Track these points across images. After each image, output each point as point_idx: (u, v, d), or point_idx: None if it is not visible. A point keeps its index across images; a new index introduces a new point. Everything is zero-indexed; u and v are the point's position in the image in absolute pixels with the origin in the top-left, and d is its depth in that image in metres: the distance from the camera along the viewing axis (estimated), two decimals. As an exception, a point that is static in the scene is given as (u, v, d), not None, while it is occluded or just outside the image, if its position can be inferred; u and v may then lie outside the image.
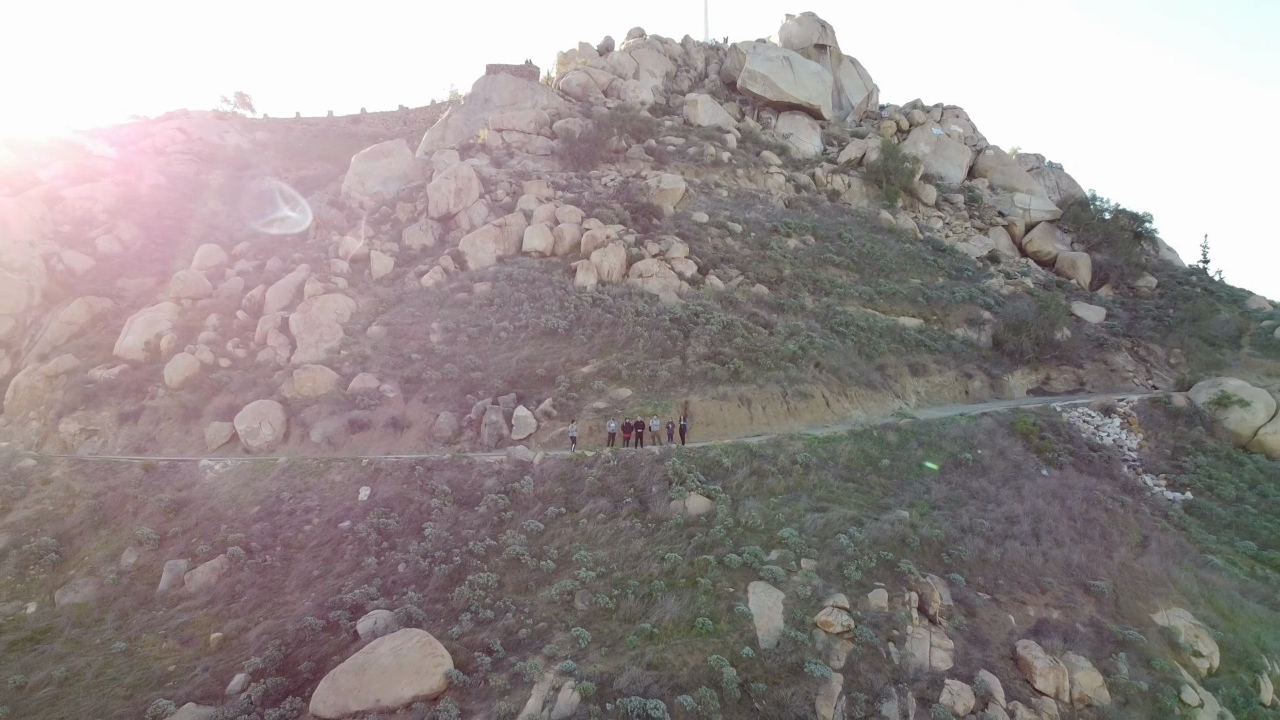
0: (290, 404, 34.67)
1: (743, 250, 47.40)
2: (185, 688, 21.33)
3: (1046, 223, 62.85)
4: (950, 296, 48.73)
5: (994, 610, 23.72)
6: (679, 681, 19.67)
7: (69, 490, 30.97)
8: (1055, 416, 38.94)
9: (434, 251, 45.86)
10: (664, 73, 75.74)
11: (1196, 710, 22.79)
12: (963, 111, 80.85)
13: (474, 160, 53.77)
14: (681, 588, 22.69)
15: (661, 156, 57.81)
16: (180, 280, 44.21)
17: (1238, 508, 35.05)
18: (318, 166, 70.13)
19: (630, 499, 26.82)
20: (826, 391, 35.71)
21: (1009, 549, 25.81)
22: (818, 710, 19.56)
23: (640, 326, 37.59)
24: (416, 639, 20.27)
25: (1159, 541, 30.02)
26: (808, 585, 22.63)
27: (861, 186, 63.31)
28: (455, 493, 27.57)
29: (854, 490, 27.60)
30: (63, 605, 25.68)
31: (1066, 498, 30.38)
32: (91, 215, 57.57)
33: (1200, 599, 27.34)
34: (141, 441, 35.64)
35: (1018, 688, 21.64)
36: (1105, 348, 47.49)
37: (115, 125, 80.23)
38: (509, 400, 33.32)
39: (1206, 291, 59.71)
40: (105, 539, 28.22)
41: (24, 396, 40.63)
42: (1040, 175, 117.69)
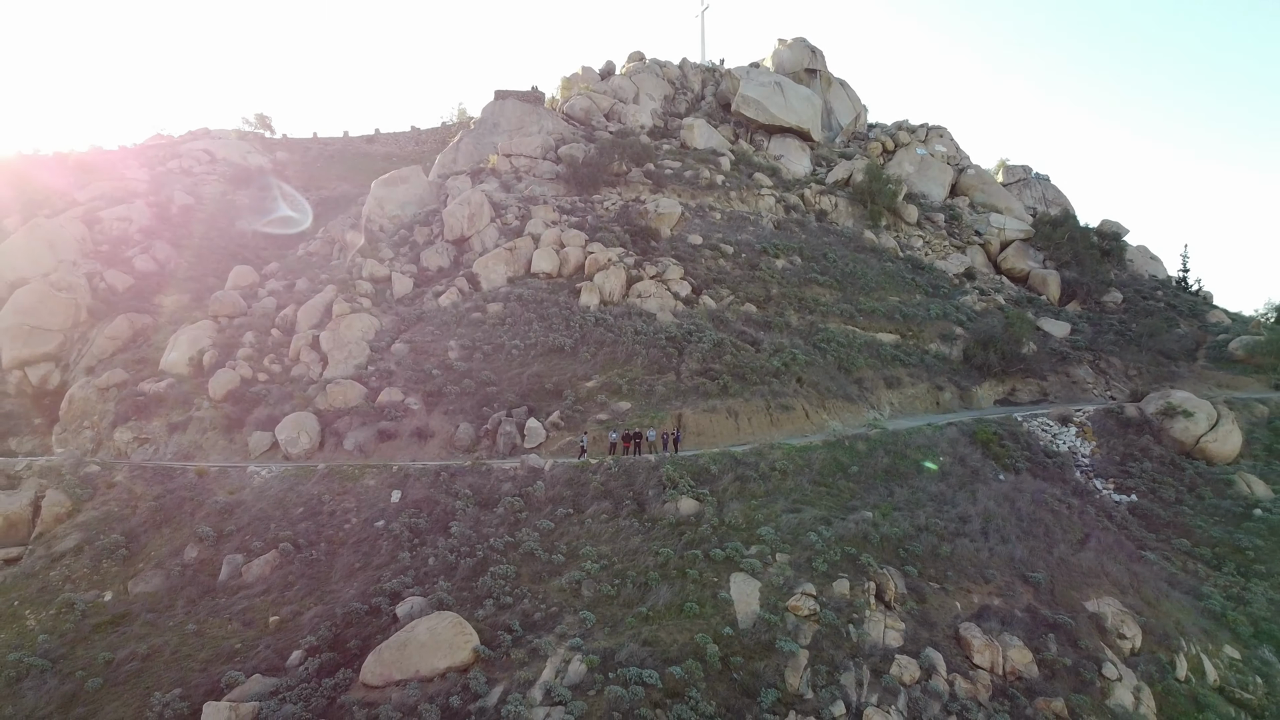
0: (324, 415, 38.27)
1: (734, 271, 50.99)
2: (251, 662, 24.92)
3: (1020, 241, 66.44)
4: (925, 313, 52.31)
5: (942, 598, 27.31)
6: (670, 656, 23.24)
7: (131, 493, 34.58)
8: (1016, 426, 42.53)
9: (449, 272, 49.44)
10: (662, 96, 79.26)
11: (1115, 684, 26.35)
12: (946, 131, 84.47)
13: (484, 185, 57.37)
14: (673, 578, 26.27)
15: (659, 180, 61.41)
16: (218, 300, 47.81)
17: (1176, 509, 38.66)
18: (336, 186, 73.83)
19: (629, 501, 30.41)
20: (806, 404, 39.32)
21: (959, 545, 29.40)
22: (786, 679, 23.13)
23: (639, 344, 41.19)
24: (449, 620, 23.85)
25: (1098, 539, 33.56)
26: (781, 576, 26.21)
27: (848, 206, 66.90)
28: (476, 496, 31.17)
29: (825, 494, 31.19)
30: (135, 594, 29.27)
31: (1016, 500, 33.96)
32: (127, 235, 61.24)
33: (1129, 589, 30.89)
34: (189, 449, 39.27)
35: (958, 663, 25.23)
36: (1068, 361, 51.08)
37: (142, 145, 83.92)
38: (521, 413, 36.92)
39: (1170, 306, 63.36)
40: (168, 536, 31.83)
41: (78, 407, 44.26)
42: (1027, 186, 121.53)
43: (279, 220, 75.49)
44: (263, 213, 72.35)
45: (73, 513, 34.02)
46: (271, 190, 78.11)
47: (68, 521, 33.63)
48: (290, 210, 78.81)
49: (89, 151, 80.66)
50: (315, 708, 22.42)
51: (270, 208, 72.35)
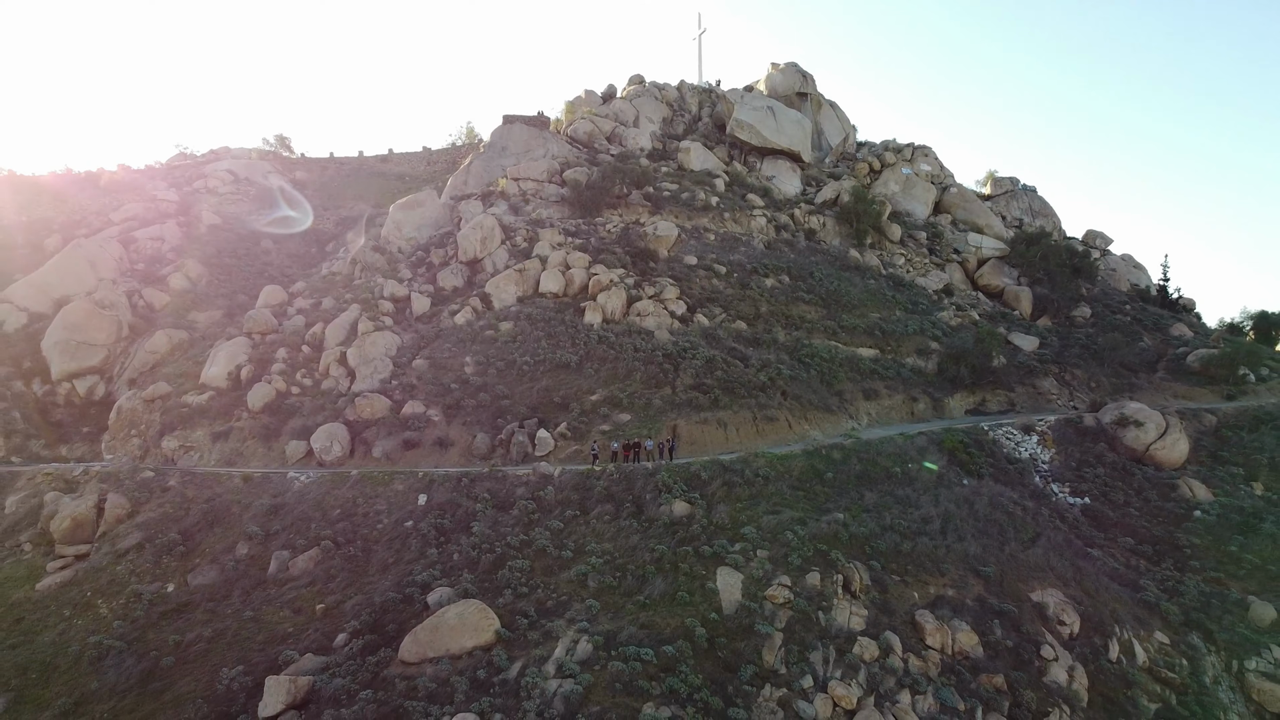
0: (353, 425, 42.00)
1: (726, 290, 54.68)
2: (303, 643, 28.64)
3: (996, 259, 70.11)
4: (904, 329, 56.00)
5: (902, 588, 31.01)
6: (663, 637, 26.92)
7: (184, 496, 38.35)
8: (982, 434, 46.20)
9: (464, 292, 53.13)
10: (661, 118, 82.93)
11: (1051, 663, 30.06)
12: (931, 151, 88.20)
13: (494, 209, 61.13)
14: (667, 571, 29.96)
15: (658, 202, 65.08)
16: (251, 319, 51.54)
17: (1124, 510, 42.35)
18: (353, 206, 77.61)
19: (629, 504, 34.11)
20: (789, 415, 43.02)
21: (919, 543, 33.08)
22: (763, 657, 26.82)
23: (638, 361, 44.90)
24: (474, 606, 27.55)
25: (1048, 537, 37.23)
26: (761, 569, 29.90)
27: (835, 225, 70.61)
28: (493, 499, 34.88)
29: (802, 497, 34.88)
30: (195, 585, 33.00)
31: (975, 502, 37.63)
32: (161, 254, 65.05)
33: (1072, 581, 34.55)
34: (231, 456, 43.00)
35: (913, 644, 28.91)
36: (1034, 373, 54.74)
37: (168, 164, 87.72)
38: (532, 424, 40.64)
39: (1136, 320, 67.01)
40: (220, 535, 35.56)
41: (126, 417, 48.01)
42: (1014, 198, 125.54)
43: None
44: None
45: (132, 514, 37.83)
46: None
47: (128, 521, 37.44)
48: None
49: (118, 170, 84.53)
50: (361, 680, 26.11)
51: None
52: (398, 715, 23.83)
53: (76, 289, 58.91)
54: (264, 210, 74.78)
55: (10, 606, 33.36)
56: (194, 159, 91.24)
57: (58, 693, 28.66)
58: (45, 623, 32.16)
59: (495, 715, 23.58)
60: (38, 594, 33.85)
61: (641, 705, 24.24)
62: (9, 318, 57.33)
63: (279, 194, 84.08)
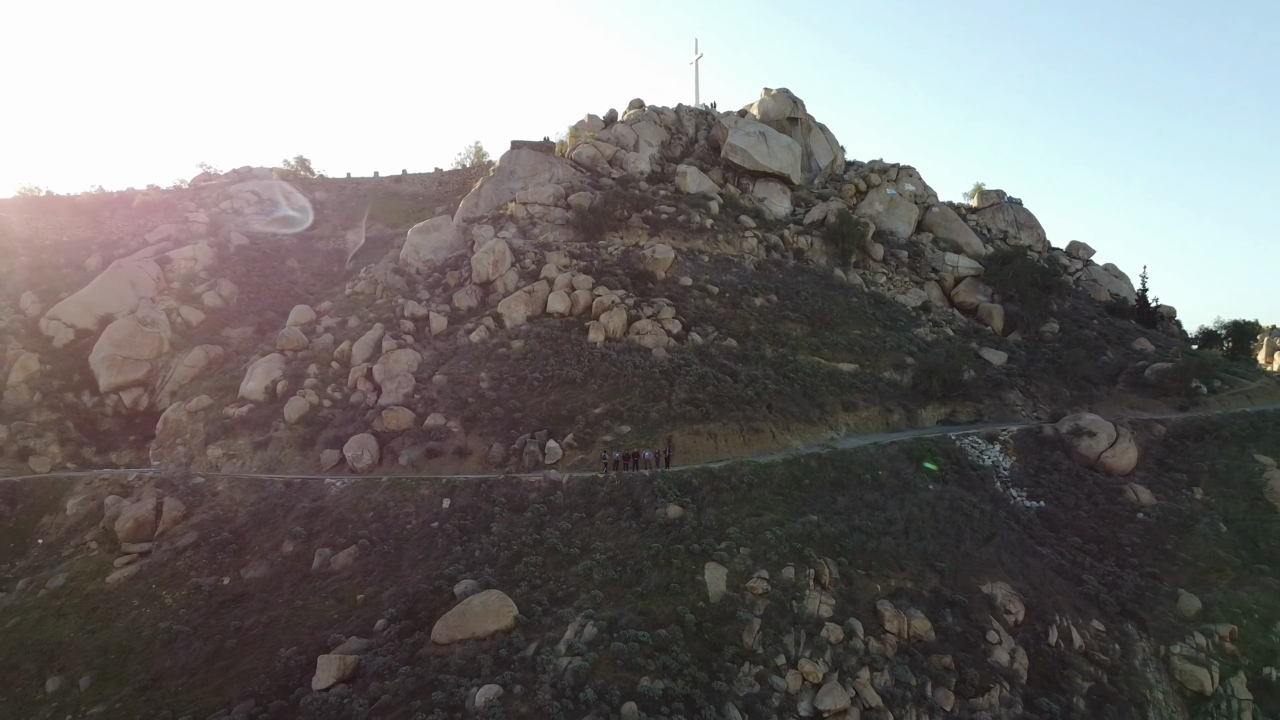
0: (381, 436, 46.23)
1: (718, 309, 58.87)
2: (347, 627, 32.83)
3: (972, 277, 74.30)
4: (882, 345, 60.20)
5: (866, 581, 35.21)
6: (658, 622, 31.11)
7: (232, 500, 42.62)
8: (949, 443, 50.42)
9: (478, 311, 57.35)
10: (660, 142, 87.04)
11: (995, 646, 34.25)
12: (915, 171, 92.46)
13: (505, 233, 65.38)
14: (661, 566, 34.14)
15: (656, 225, 69.31)
16: (284, 336, 55.77)
17: (1074, 512, 46.57)
18: (371, 226, 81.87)
19: (629, 507, 38.31)
20: (773, 427, 47.24)
21: (883, 541, 37.29)
22: (743, 639, 31.00)
23: (637, 376, 49.12)
24: (496, 595, 31.76)
25: (1002, 537, 41.44)
26: (743, 564, 34.10)
27: (822, 245, 74.81)
28: (509, 503, 39.11)
29: (781, 501, 39.07)
30: (248, 579, 37.22)
31: (937, 506, 41.85)
32: (194, 273, 69.31)
33: (1020, 575, 38.74)
34: (271, 463, 47.24)
35: (874, 629, 33.10)
36: (1001, 386, 58.94)
37: (194, 184, 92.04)
38: (542, 435, 44.85)
39: (1101, 335, 71.25)
40: (267, 534, 39.80)
41: (172, 427, 52.25)
42: (1000, 210, 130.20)
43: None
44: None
45: (187, 515, 42.13)
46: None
47: (184, 522, 41.74)
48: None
49: (148, 190, 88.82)
50: (400, 658, 30.29)
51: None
52: (433, 686, 28.01)
53: (118, 307, 63.17)
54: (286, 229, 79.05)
55: (85, 597, 37.59)
56: (217, 177, 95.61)
57: (135, 670, 32.90)
58: (117, 611, 36.38)
59: (516, 686, 27.76)
60: (108, 586, 38.07)
61: (639, 678, 28.41)
62: (58, 334, 61.58)
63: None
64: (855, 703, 29.86)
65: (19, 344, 59.57)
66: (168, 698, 31.22)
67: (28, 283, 67.78)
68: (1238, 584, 41.20)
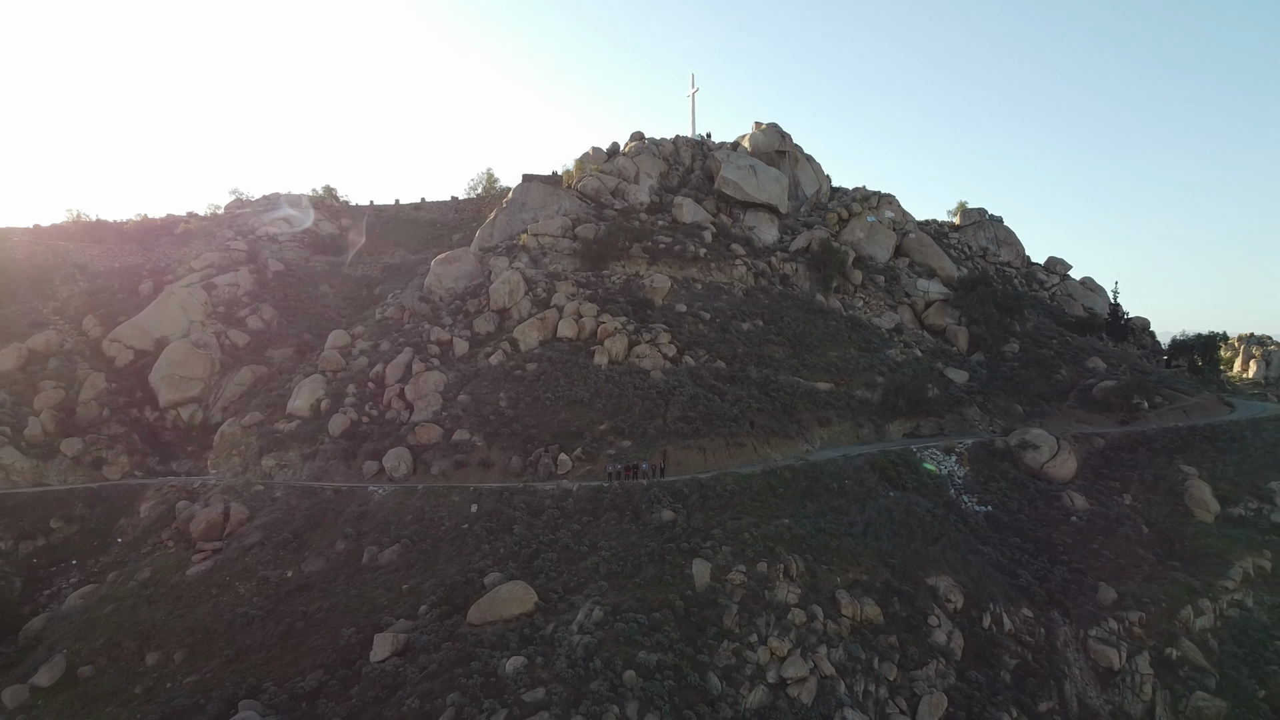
0: (415, 449, 52.47)
1: (709, 334, 65.10)
2: (396, 612, 39.00)
3: (941, 301, 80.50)
4: (856, 365, 66.42)
5: (828, 574, 41.40)
6: (653, 607, 37.27)
7: (289, 505, 48.88)
8: (911, 455, 56.54)
9: (495, 336, 63.59)
10: (658, 173, 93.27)
11: (934, 629, 40.43)
12: (894, 199, 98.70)
13: (518, 263, 71.66)
14: (656, 561, 40.29)
15: (655, 254, 75.56)
16: (325, 359, 62.08)
17: (1016, 516, 52.73)
18: (394, 252, 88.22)
19: (629, 512, 44.49)
20: (755, 441, 53.45)
21: (844, 541, 43.51)
22: (723, 621, 37.16)
23: (637, 396, 55.35)
24: (519, 585, 37.96)
25: (949, 537, 47.60)
26: (724, 560, 40.27)
27: (806, 271, 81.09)
28: (528, 508, 45.34)
29: (759, 507, 45.26)
30: (308, 572, 43.43)
31: (894, 511, 48.03)
32: (237, 298, 75.62)
33: (961, 570, 44.91)
34: (318, 473, 53.49)
35: (832, 613, 39.26)
36: (961, 403, 65.13)
37: (229, 210, 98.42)
38: (554, 449, 51.07)
39: (1057, 354, 77.38)
40: (321, 534, 46.04)
41: (228, 440, 58.53)
42: (982, 228, 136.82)
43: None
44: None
45: (251, 518, 48.39)
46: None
47: (248, 524, 47.99)
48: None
49: (188, 217, 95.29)
50: (441, 636, 36.49)
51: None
52: (471, 657, 34.23)
53: (172, 330, 69.51)
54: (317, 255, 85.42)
55: (170, 587, 43.85)
56: (250, 204, 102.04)
57: (220, 647, 39.14)
58: (199, 599, 42.61)
59: (538, 657, 33.97)
60: (188, 578, 44.32)
61: (637, 652, 34.61)
62: (119, 355, 67.93)
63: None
64: (813, 673, 36.05)
65: (86, 365, 65.90)
66: (250, 669, 37.45)
67: (88, 307, 74.14)
68: (1150, 578, 47.35)
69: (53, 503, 54.23)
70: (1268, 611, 46.36)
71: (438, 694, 32.53)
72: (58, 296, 75.35)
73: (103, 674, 39.04)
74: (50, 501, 54.32)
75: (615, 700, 31.79)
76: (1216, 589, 46.62)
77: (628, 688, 32.60)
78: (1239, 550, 49.30)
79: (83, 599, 45.17)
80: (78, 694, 38.17)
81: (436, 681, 33.27)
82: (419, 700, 32.34)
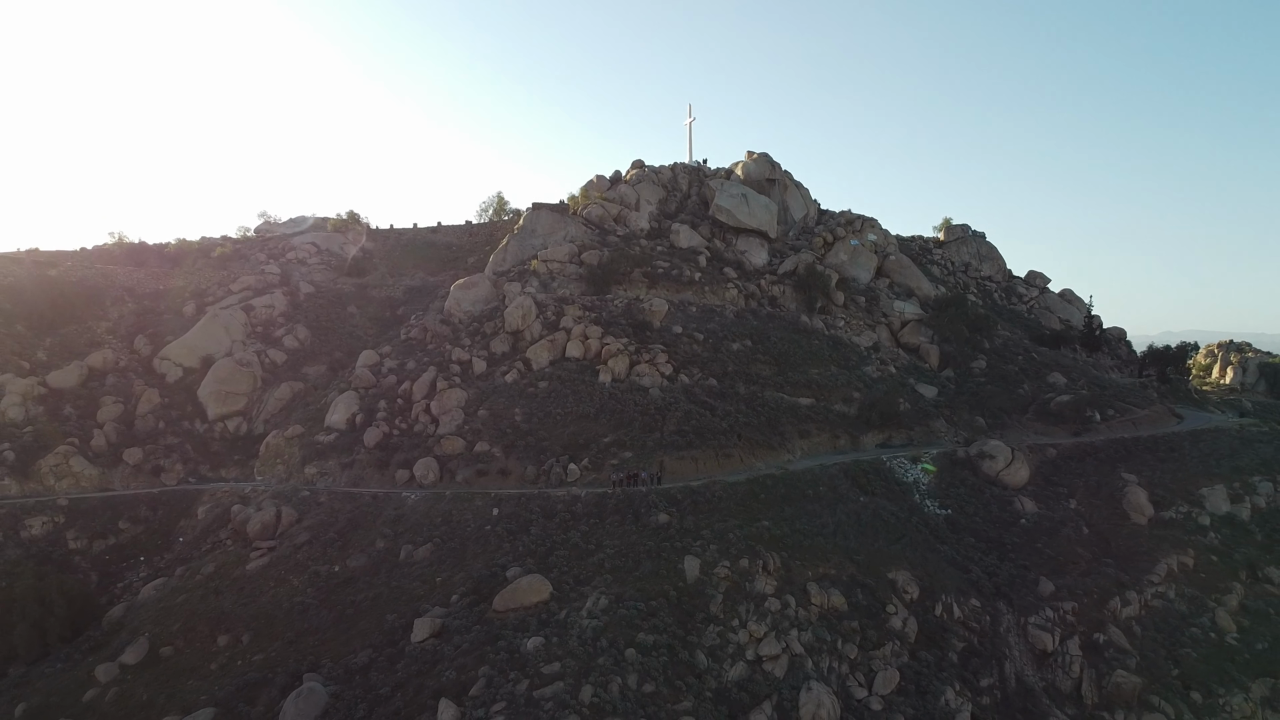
0: (441, 459, 58.55)
1: (702, 353, 71.18)
2: (431, 601, 45.05)
3: (915, 321, 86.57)
4: (835, 382, 72.49)
5: (801, 569, 47.44)
6: (650, 596, 43.28)
7: (332, 509, 54.99)
8: (881, 464, 62.61)
9: (510, 356, 69.69)
10: (658, 200, 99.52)
11: (892, 615, 46.44)
12: (876, 222, 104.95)
13: (529, 288, 77.81)
14: (653, 557, 46.32)
15: (654, 278, 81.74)
16: (357, 376, 68.21)
17: (972, 518, 58.74)
18: (415, 274, 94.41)
19: (630, 515, 50.51)
20: (742, 452, 59.53)
21: (816, 540, 49.56)
22: (710, 609, 43.16)
23: (637, 411, 61.43)
24: (537, 578, 43.96)
25: (910, 537, 53.66)
26: (712, 557, 46.31)
27: (793, 293, 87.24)
28: (542, 511, 51.40)
29: (742, 510, 51.31)
30: (353, 567, 49.47)
31: (862, 514, 54.09)
32: (272, 319, 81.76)
33: (919, 565, 50.92)
34: (355, 480, 59.59)
35: (803, 602, 45.24)
36: (930, 416, 71.16)
37: (261, 233, 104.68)
38: (564, 459, 57.14)
39: (1021, 370, 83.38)
40: (362, 534, 52.12)
41: (272, 451, 64.65)
42: (965, 243, 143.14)
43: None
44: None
45: (299, 520, 54.50)
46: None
47: (297, 525, 54.10)
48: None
49: (222, 240, 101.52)
50: (471, 620, 42.51)
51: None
52: (497, 637, 40.27)
53: (216, 349, 75.67)
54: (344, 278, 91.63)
55: (233, 580, 49.93)
56: (278, 226, 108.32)
57: (281, 630, 45.21)
58: (260, 590, 48.67)
59: (554, 638, 40.01)
60: (249, 572, 50.40)
61: (637, 634, 40.62)
62: (169, 371, 74.07)
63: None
64: (785, 651, 42.08)
65: (141, 381, 72.07)
66: (309, 649, 43.52)
67: (137, 327, 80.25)
68: (1086, 573, 53.36)
69: (120, 506, 60.42)
70: (1187, 602, 52.36)
71: (470, 668, 38.56)
72: (109, 317, 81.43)
73: (181, 654, 45.11)
74: (117, 505, 60.51)
75: (618, 672, 37.80)
76: (1143, 582, 52.63)
77: (629, 662, 38.61)
78: (1165, 549, 55.30)
79: (156, 590, 51.30)
80: (161, 670, 44.25)
81: (469, 658, 39.30)
82: (455, 672, 38.38)
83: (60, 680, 44.51)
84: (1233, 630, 50.53)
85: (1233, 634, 50.30)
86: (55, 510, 58.61)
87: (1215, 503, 60.49)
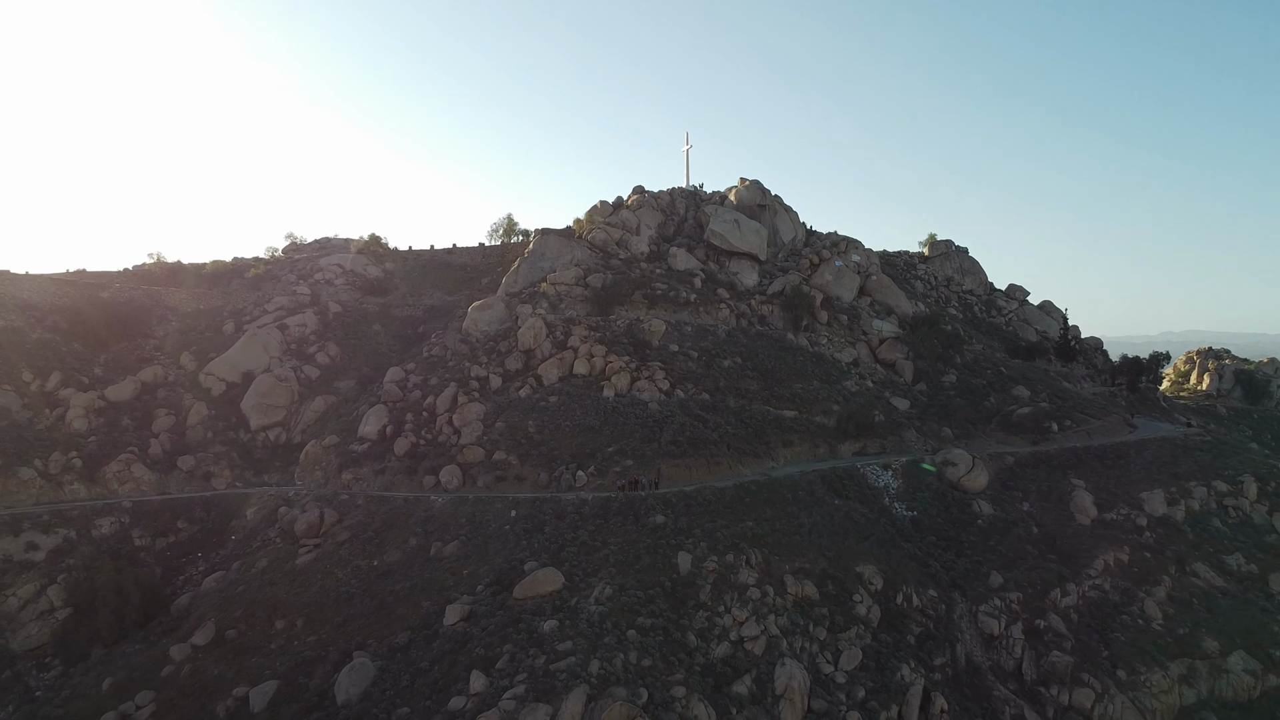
0: (463, 466, 65.03)
1: (696, 369, 77.64)
2: (459, 590, 51.44)
3: (893, 339, 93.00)
4: (816, 395, 78.93)
5: (779, 563, 53.85)
6: (648, 586, 49.66)
7: (369, 511, 61.47)
8: (856, 471, 69.01)
9: (523, 373, 76.15)
10: (657, 224, 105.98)
11: (858, 604, 52.85)
12: (860, 243, 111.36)
13: (539, 309, 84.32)
14: (651, 553, 52.71)
15: (653, 299, 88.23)
16: (386, 391, 74.71)
17: (935, 519, 65.10)
18: (432, 294, 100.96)
19: (631, 516, 56.92)
20: (730, 460, 65.96)
21: (793, 539, 55.98)
22: (699, 597, 49.58)
23: (637, 424, 67.88)
24: (551, 570, 50.36)
25: (878, 536, 60.06)
26: (702, 553, 52.71)
27: (781, 312, 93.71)
28: (554, 513, 57.82)
29: (729, 513, 57.73)
30: (389, 562, 55.91)
31: (835, 515, 60.50)
32: (305, 337, 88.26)
33: (884, 560, 57.29)
34: (387, 485, 66.03)
35: (780, 592, 51.64)
36: (902, 426, 77.58)
37: (289, 254, 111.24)
38: (573, 467, 63.57)
39: (989, 384, 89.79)
40: (397, 533, 58.57)
41: (311, 458, 71.15)
42: (948, 258, 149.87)
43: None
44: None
45: (340, 520, 60.98)
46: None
47: (338, 525, 60.58)
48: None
49: (254, 261, 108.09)
50: (495, 607, 48.89)
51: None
52: (519, 621, 46.69)
53: (255, 365, 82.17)
54: (369, 298, 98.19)
55: (285, 573, 56.36)
56: (305, 247, 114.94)
57: (330, 616, 51.64)
58: (309, 581, 55.10)
59: (566, 621, 46.44)
60: (298, 566, 56.85)
61: (637, 618, 47.04)
62: (214, 386, 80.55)
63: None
64: (764, 633, 48.48)
65: (189, 395, 78.59)
66: (355, 631, 49.96)
67: (182, 344, 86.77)
68: (1032, 569, 59.70)
69: (177, 508, 66.89)
70: (1120, 593, 58.70)
71: (496, 645, 45.01)
72: (156, 335, 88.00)
73: (244, 636, 51.53)
74: (175, 507, 66.99)
75: (621, 650, 44.23)
76: (1082, 576, 59.00)
77: (630, 642, 45.03)
78: (1104, 546, 61.68)
79: (216, 582, 57.74)
80: (227, 650, 50.68)
81: (494, 637, 45.74)
82: (484, 650, 44.82)
83: (140, 659, 50.95)
84: (1159, 618, 56.81)
85: (1159, 620, 56.58)
86: (121, 511, 65.02)
87: (1153, 505, 66.82)
